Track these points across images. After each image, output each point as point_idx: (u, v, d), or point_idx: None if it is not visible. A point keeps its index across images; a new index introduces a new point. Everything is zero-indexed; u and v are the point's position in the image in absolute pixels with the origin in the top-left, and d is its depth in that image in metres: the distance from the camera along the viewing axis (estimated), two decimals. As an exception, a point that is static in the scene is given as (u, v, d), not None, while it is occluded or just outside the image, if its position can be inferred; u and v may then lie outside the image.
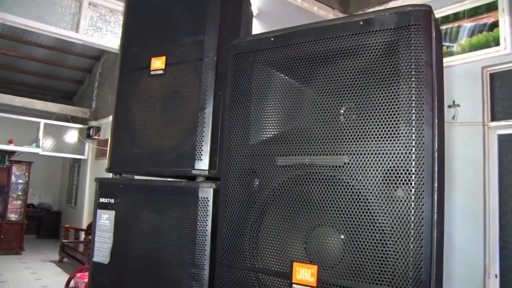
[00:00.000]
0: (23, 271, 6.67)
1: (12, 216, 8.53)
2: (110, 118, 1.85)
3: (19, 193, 8.76)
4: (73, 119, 9.45)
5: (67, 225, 8.60)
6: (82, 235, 8.17)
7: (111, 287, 1.66)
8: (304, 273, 1.20)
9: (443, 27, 3.79)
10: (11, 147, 8.48)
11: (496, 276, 3.48)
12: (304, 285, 1.20)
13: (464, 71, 3.64)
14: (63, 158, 10.71)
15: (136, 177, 1.81)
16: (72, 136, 9.15)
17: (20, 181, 8.83)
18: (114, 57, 8.42)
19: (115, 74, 1.86)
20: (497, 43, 3.43)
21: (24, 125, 8.75)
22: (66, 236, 8.18)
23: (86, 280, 3.11)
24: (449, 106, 3.63)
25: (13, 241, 8.30)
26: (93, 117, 9.25)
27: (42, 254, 8.41)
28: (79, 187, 9.70)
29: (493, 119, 3.52)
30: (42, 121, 8.68)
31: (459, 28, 3.73)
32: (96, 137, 8.52)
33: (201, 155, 1.51)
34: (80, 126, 9.22)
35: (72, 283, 4.21)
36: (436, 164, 1.11)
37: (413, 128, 1.11)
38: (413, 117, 1.12)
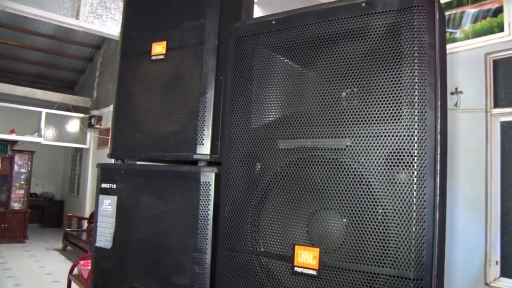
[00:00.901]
0: (27, 259, 6.73)
1: (16, 205, 8.58)
2: (112, 107, 1.84)
3: (22, 183, 8.79)
4: (75, 109, 9.45)
5: (70, 214, 8.65)
6: (85, 224, 8.22)
7: (113, 271, 1.66)
8: (306, 256, 1.20)
9: (446, 13, 3.76)
10: (13, 137, 8.49)
11: (497, 262, 3.49)
12: (306, 268, 1.20)
13: (467, 58, 3.61)
14: (65, 148, 10.73)
15: (138, 162, 1.81)
16: (73, 125, 9.15)
17: (23, 170, 8.86)
18: (115, 46, 8.39)
19: (116, 63, 1.85)
20: (501, 29, 3.40)
21: (25, 115, 8.75)
22: (69, 224, 8.23)
23: (89, 267, 3.13)
24: (452, 93, 3.61)
25: (17, 229, 8.35)
26: (94, 106, 9.24)
27: (45, 242, 8.47)
28: (81, 176, 9.73)
29: (496, 106, 3.50)
30: (44, 111, 8.68)
31: (463, 14, 3.69)
32: (97, 126, 8.53)
33: (203, 139, 1.51)
34: (81, 115, 9.22)
35: (75, 270, 4.24)
36: (438, 147, 1.11)
37: (416, 111, 1.10)
38: (416, 100, 1.11)
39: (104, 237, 1.69)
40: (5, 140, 8.49)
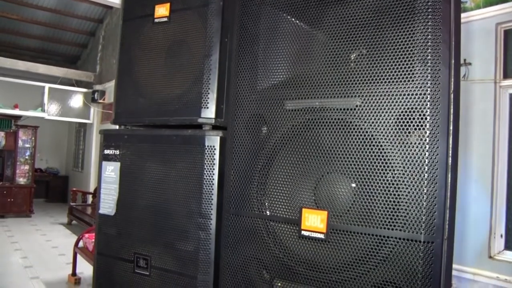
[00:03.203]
0: (33, 233, 6.79)
1: (21, 180, 8.62)
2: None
3: (27, 158, 8.81)
4: (78, 83, 9.38)
5: (74, 189, 8.69)
6: (90, 198, 8.27)
7: (117, 238, 1.65)
8: (314, 219, 1.18)
9: (457, -18, 3.64)
10: (16, 112, 8.47)
11: (501, 236, 3.48)
12: (313, 231, 1.18)
13: (478, 28, 3.52)
14: (68, 123, 10.71)
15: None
16: (77, 100, 9.10)
17: (27, 145, 8.86)
18: (117, 20, 8.26)
19: (119, 28, 1.80)
20: (513, -3, 3.30)
21: (28, 90, 8.69)
22: (74, 199, 8.27)
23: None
24: (460, 65, 3.52)
25: (22, 204, 8.41)
26: (97, 81, 9.17)
27: (51, 217, 8.54)
28: (86, 151, 9.74)
29: (505, 77, 3.43)
30: (47, 85, 8.61)
31: (473, -17, 3.58)
32: (101, 101, 8.47)
33: (208, 103, 1.47)
34: (84, 90, 9.15)
35: (80, 243, 4.28)
36: (452, 106, 1.07)
37: (429, 68, 1.06)
38: (429, 57, 1.06)
39: (108, 203, 1.67)
40: (9, 115, 8.47)
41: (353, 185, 1.14)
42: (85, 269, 4.26)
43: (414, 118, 1.06)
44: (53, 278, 4.31)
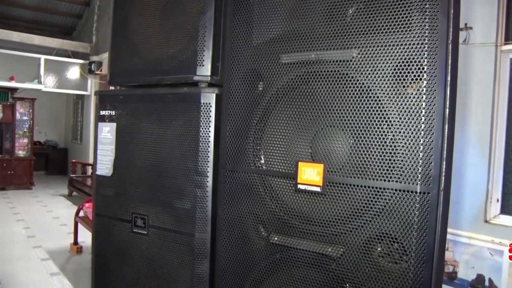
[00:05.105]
0: (35, 204, 6.83)
1: (20, 153, 8.63)
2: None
3: (25, 130, 8.78)
4: (74, 55, 9.26)
5: (74, 160, 8.71)
6: (89, 170, 8.29)
7: (115, 198, 1.66)
8: (310, 172, 1.18)
9: None
10: (13, 84, 8.39)
11: (497, 200, 3.49)
12: (310, 185, 1.18)
13: (479, -9, 3.44)
14: (66, 95, 10.62)
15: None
16: (74, 72, 9.00)
17: (25, 118, 8.82)
18: (112, -11, 8.07)
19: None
20: (517, -44, 3.21)
21: (24, 62, 8.57)
22: (74, 171, 8.30)
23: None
24: (461, 29, 3.47)
25: (23, 176, 8.44)
26: (94, 52, 9.05)
27: (52, 189, 8.58)
28: (84, 123, 9.71)
29: (507, 40, 3.37)
30: (43, 57, 8.50)
31: None
32: (98, 72, 8.37)
33: (203, 60, 1.45)
34: (81, 61, 9.04)
35: (81, 213, 4.31)
36: (450, 57, 1.05)
37: (427, 17, 1.04)
38: (427, 6, 1.04)
39: (104, 165, 1.67)
40: (5, 87, 8.39)
41: (351, 141, 1.13)
42: (87, 238, 4.29)
43: (411, 69, 1.04)
44: (55, 247, 4.36)
